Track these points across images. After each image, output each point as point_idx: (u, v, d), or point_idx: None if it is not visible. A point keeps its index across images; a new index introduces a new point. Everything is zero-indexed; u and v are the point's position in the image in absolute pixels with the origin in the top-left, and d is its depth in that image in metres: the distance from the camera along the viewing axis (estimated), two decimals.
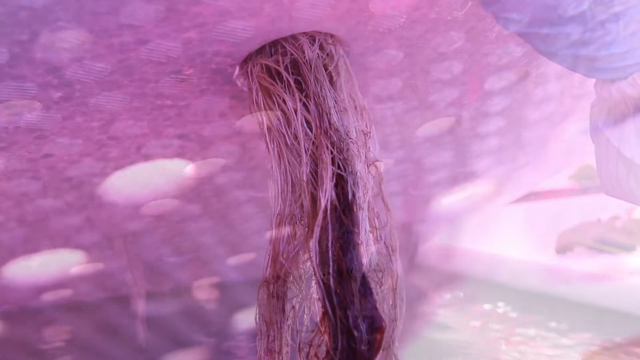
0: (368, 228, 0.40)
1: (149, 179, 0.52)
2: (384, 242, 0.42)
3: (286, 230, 0.39)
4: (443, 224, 0.71)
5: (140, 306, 0.72)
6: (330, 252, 0.37)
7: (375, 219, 0.41)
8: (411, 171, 0.59)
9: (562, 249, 1.40)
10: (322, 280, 0.37)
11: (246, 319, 0.84)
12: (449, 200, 0.68)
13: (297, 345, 0.38)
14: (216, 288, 0.72)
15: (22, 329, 0.69)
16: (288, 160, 0.40)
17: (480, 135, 0.56)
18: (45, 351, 0.73)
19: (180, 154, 0.48)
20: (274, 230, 0.39)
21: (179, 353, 0.91)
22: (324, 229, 0.38)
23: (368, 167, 0.41)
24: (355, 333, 0.37)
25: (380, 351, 0.38)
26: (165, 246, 0.60)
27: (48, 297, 0.63)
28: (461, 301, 1.10)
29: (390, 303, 0.42)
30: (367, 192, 0.39)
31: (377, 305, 0.37)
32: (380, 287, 0.40)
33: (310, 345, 0.38)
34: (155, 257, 0.62)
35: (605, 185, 0.57)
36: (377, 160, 0.41)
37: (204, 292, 0.73)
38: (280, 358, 0.39)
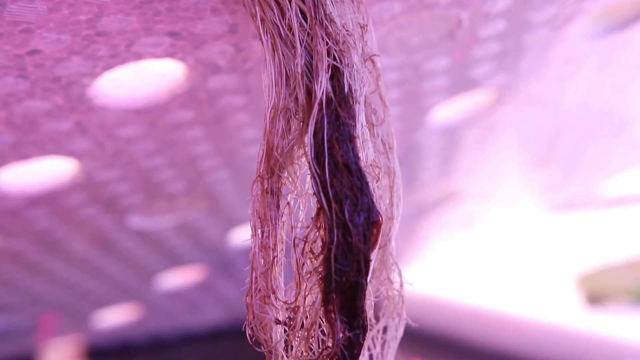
0: (365, 123, 0.39)
1: (140, 82, 0.51)
2: (381, 140, 0.41)
3: (280, 124, 0.38)
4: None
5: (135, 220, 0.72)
6: (325, 144, 0.36)
7: (372, 115, 0.40)
8: (409, 78, 0.58)
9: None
10: (317, 174, 0.36)
11: (242, 235, 0.84)
12: (448, 111, 0.67)
13: (292, 242, 0.37)
14: (211, 202, 0.71)
15: (16, 242, 0.68)
16: (282, 52, 0.38)
17: (480, 39, 0.55)
18: (39, 264, 0.73)
19: (171, 54, 0.46)
20: (267, 124, 0.38)
21: (175, 270, 0.91)
22: (319, 121, 0.37)
23: (365, 62, 0.40)
24: (352, 227, 0.36)
25: (377, 246, 0.37)
26: (159, 156, 0.59)
27: (41, 207, 0.62)
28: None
29: (387, 202, 0.41)
30: (364, 86, 0.38)
31: (374, 199, 0.36)
32: (376, 183, 0.39)
33: (306, 241, 0.38)
34: (148, 167, 0.61)
35: None
36: (375, 55, 0.40)
37: (199, 207, 0.72)
38: (275, 254, 0.38)
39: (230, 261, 0.90)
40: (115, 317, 1.01)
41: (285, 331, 0.39)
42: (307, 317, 0.38)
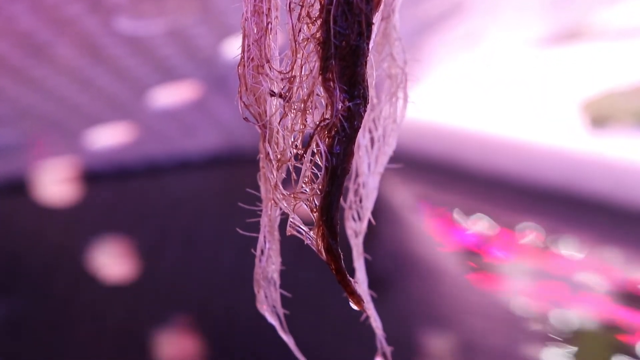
0: None
1: None
2: None
3: None
4: None
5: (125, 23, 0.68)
6: None
7: None
8: None
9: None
10: None
11: (235, 46, 0.80)
12: None
13: (288, 6, 0.34)
14: (203, 4, 0.67)
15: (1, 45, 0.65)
16: None
17: None
18: (25, 71, 0.70)
19: None
20: None
21: (168, 86, 0.88)
22: None
23: None
24: None
25: (379, 9, 0.34)
26: None
27: (22, 2, 0.58)
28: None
29: None
30: None
31: None
32: None
33: (302, 5, 0.35)
34: None
35: None
36: None
37: (189, 10, 0.68)
38: (269, 20, 0.35)
39: (224, 77, 0.87)
40: (109, 137, 0.99)
41: (280, 103, 0.36)
42: (303, 87, 0.36)
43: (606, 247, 0.91)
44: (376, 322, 0.38)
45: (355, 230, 0.40)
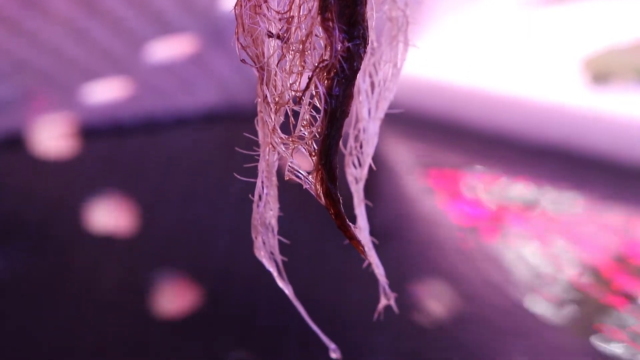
0: None
1: None
2: None
3: None
4: None
5: None
6: None
7: None
8: None
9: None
10: None
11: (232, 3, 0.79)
12: None
13: None
14: None
15: None
16: None
17: None
18: (19, 22, 0.69)
19: None
20: None
21: (164, 40, 0.87)
22: None
23: None
24: None
25: None
26: None
27: None
28: None
29: None
30: None
31: None
32: None
33: None
34: None
35: None
36: None
37: None
38: None
39: (221, 30, 0.85)
40: (105, 92, 0.98)
41: (278, 44, 0.35)
42: (302, 28, 0.35)
43: (607, 205, 0.91)
44: (378, 269, 0.37)
45: (356, 176, 0.39)
